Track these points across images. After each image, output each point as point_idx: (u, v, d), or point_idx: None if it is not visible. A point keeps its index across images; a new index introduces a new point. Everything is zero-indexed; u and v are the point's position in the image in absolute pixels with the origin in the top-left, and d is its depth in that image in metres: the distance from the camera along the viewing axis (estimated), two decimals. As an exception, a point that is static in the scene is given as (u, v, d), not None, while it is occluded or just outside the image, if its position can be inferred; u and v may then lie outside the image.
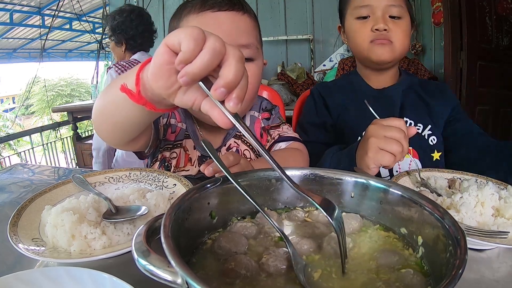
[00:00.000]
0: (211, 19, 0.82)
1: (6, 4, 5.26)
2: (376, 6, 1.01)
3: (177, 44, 0.41)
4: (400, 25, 1.03)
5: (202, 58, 0.40)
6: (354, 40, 1.08)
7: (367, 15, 1.04)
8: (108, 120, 0.67)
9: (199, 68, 0.40)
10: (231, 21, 0.83)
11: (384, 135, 0.71)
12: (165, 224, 0.36)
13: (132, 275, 0.41)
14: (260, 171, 0.53)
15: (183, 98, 0.45)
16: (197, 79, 0.41)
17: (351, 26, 1.08)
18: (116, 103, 0.59)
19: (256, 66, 0.89)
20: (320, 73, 3.23)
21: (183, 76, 0.41)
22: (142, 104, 0.52)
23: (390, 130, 0.71)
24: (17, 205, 0.64)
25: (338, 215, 0.43)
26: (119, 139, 0.74)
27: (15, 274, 0.43)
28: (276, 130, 1.01)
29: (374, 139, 0.72)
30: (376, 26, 1.01)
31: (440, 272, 0.37)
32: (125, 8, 2.28)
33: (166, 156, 0.95)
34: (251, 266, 0.40)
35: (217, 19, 0.82)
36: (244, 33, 0.85)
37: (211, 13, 0.82)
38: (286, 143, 0.98)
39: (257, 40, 0.91)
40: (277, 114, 1.06)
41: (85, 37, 7.31)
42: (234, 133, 0.98)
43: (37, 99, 10.28)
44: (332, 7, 3.17)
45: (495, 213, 0.63)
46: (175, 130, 0.96)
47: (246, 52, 0.83)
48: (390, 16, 1.02)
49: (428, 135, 1.06)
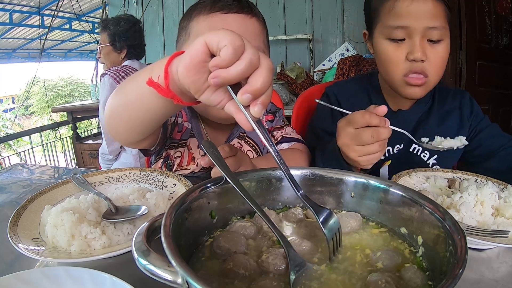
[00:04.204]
0: (220, 20, 0.83)
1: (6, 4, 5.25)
2: (414, 28, 0.85)
3: (216, 47, 0.43)
4: (439, 52, 0.88)
5: (237, 68, 0.42)
6: (385, 66, 0.93)
7: (402, 38, 0.88)
8: (127, 117, 0.66)
9: (232, 75, 0.42)
10: (239, 23, 0.84)
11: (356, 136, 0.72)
12: (165, 223, 0.36)
13: (132, 275, 0.41)
14: (260, 171, 0.53)
15: (210, 97, 0.47)
16: (228, 84, 0.44)
17: (381, 47, 0.93)
18: (139, 98, 0.59)
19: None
20: (319, 72, 3.22)
21: (215, 78, 0.43)
22: (170, 97, 0.53)
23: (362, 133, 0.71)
24: (17, 205, 0.64)
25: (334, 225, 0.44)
26: (136, 135, 0.73)
27: (15, 274, 0.43)
28: (279, 131, 1.02)
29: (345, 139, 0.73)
30: (412, 55, 0.86)
31: (440, 271, 0.37)
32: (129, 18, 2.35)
33: (170, 154, 0.96)
34: (250, 265, 0.40)
35: (226, 21, 0.83)
36: (252, 36, 0.85)
37: (220, 14, 0.83)
38: (288, 144, 0.99)
39: (264, 44, 0.91)
40: (281, 117, 1.07)
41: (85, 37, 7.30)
42: (238, 134, 0.99)
43: (36, 99, 10.26)
44: (332, 6, 3.17)
45: (495, 213, 0.63)
46: (182, 129, 0.97)
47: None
48: (429, 39, 0.87)
49: (433, 163, 1.00)
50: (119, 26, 2.25)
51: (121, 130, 0.71)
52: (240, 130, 0.98)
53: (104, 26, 2.32)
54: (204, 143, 0.54)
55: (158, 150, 0.95)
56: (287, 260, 0.41)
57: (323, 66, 3.26)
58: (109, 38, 2.28)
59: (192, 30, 0.86)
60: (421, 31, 0.85)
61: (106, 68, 2.34)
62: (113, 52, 2.32)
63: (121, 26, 2.25)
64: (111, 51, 2.31)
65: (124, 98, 0.65)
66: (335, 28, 3.24)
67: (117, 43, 2.28)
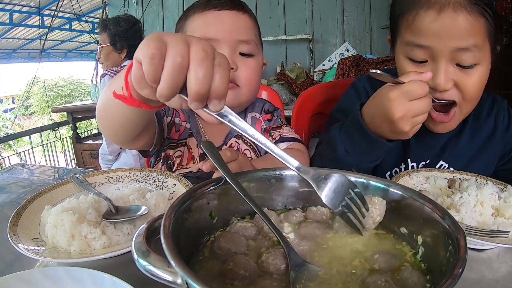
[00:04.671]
0: (214, 17, 0.87)
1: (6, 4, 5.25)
2: (438, 48, 0.69)
3: (140, 62, 0.42)
4: (472, 78, 0.71)
5: (165, 80, 0.40)
6: None
7: (424, 60, 0.73)
8: (110, 122, 0.69)
9: (167, 89, 0.40)
10: (231, 19, 0.88)
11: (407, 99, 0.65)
12: (165, 224, 0.36)
13: (132, 275, 0.41)
14: (260, 171, 0.53)
15: (170, 103, 0.45)
16: (172, 96, 0.42)
17: (401, 65, 0.78)
18: (113, 106, 0.61)
19: (256, 61, 0.92)
20: (319, 73, 3.22)
21: (159, 97, 0.42)
22: (137, 106, 0.53)
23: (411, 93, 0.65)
24: (17, 205, 0.64)
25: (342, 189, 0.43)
26: (123, 137, 0.76)
27: (15, 274, 0.43)
28: (277, 131, 1.02)
29: (396, 102, 0.66)
30: (433, 82, 0.70)
31: (440, 271, 0.37)
32: (129, 17, 2.36)
33: (170, 155, 0.96)
34: (250, 266, 0.40)
35: (219, 17, 0.87)
36: (244, 30, 0.90)
37: (214, 11, 0.88)
38: (287, 143, 0.98)
39: (257, 37, 0.94)
40: (279, 116, 1.07)
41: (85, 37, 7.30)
42: (236, 133, 0.99)
43: (36, 99, 10.27)
44: (332, 6, 3.17)
45: (494, 213, 0.63)
46: (179, 129, 0.97)
47: (246, 47, 0.89)
48: (458, 64, 0.71)
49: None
50: (119, 26, 2.25)
51: (107, 131, 0.74)
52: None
53: (104, 27, 2.32)
54: (204, 143, 0.54)
55: (157, 151, 0.95)
56: (287, 260, 0.41)
57: (323, 66, 3.26)
58: (109, 38, 2.29)
59: (187, 28, 0.90)
60: (447, 53, 0.69)
61: (106, 68, 2.34)
62: (114, 52, 2.32)
63: (121, 26, 2.25)
64: (111, 51, 2.32)
65: (104, 102, 0.66)
66: (335, 28, 3.24)
67: (117, 43, 2.28)
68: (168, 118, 0.96)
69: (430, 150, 0.92)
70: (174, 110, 0.97)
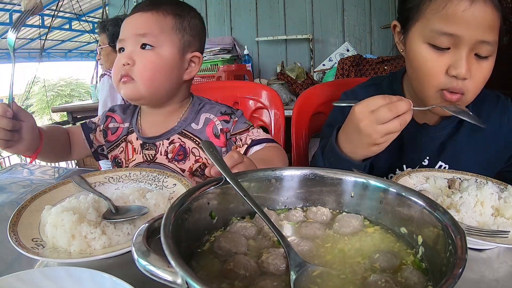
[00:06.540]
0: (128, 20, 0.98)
1: (6, 4, 5.25)
2: (465, 38, 0.71)
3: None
4: (484, 70, 0.76)
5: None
6: (419, 75, 0.80)
7: (447, 47, 0.74)
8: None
9: None
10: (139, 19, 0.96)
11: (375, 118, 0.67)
12: (165, 224, 0.36)
13: (132, 275, 0.41)
14: (260, 171, 0.53)
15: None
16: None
17: (418, 51, 0.78)
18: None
19: (155, 54, 0.93)
20: (319, 72, 3.22)
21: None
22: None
23: (379, 112, 0.67)
24: (17, 205, 0.64)
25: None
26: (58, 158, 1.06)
27: (15, 274, 0.43)
28: (245, 134, 0.98)
29: (366, 122, 0.69)
30: (456, 71, 0.73)
31: (440, 271, 0.37)
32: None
33: (116, 154, 1.04)
34: (250, 266, 0.40)
35: (132, 20, 0.97)
36: (146, 25, 0.94)
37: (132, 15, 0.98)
38: (260, 146, 0.96)
39: (162, 30, 0.94)
40: (243, 119, 1.04)
41: (85, 37, 7.30)
42: (180, 130, 1.00)
43: (36, 99, 10.27)
44: (332, 6, 3.17)
45: (495, 213, 0.63)
46: (116, 131, 1.06)
47: (145, 39, 0.93)
48: (476, 54, 0.74)
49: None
50: (117, 26, 2.24)
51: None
52: (182, 127, 1.00)
53: (102, 27, 2.31)
54: (204, 143, 0.54)
55: (105, 154, 1.08)
56: (287, 260, 0.41)
57: (323, 66, 3.26)
58: (108, 39, 2.28)
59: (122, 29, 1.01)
60: (472, 43, 0.71)
61: (105, 69, 2.34)
62: (113, 52, 2.31)
63: (120, 26, 2.25)
64: (111, 51, 2.31)
65: None
66: (335, 28, 3.24)
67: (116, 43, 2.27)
68: (100, 126, 1.07)
69: (427, 149, 0.91)
70: (109, 117, 1.07)
